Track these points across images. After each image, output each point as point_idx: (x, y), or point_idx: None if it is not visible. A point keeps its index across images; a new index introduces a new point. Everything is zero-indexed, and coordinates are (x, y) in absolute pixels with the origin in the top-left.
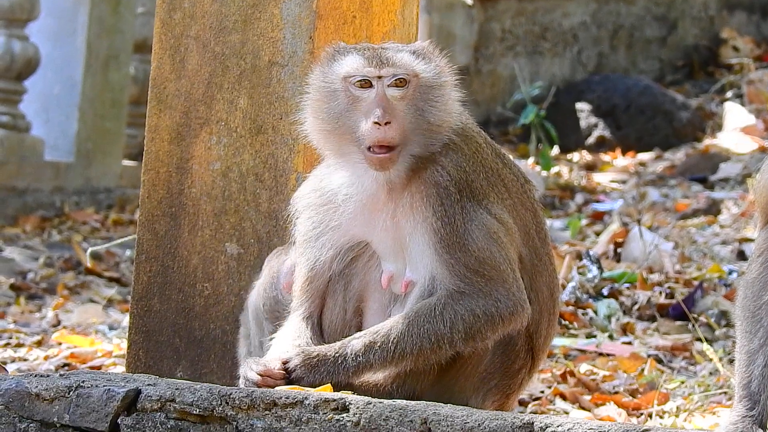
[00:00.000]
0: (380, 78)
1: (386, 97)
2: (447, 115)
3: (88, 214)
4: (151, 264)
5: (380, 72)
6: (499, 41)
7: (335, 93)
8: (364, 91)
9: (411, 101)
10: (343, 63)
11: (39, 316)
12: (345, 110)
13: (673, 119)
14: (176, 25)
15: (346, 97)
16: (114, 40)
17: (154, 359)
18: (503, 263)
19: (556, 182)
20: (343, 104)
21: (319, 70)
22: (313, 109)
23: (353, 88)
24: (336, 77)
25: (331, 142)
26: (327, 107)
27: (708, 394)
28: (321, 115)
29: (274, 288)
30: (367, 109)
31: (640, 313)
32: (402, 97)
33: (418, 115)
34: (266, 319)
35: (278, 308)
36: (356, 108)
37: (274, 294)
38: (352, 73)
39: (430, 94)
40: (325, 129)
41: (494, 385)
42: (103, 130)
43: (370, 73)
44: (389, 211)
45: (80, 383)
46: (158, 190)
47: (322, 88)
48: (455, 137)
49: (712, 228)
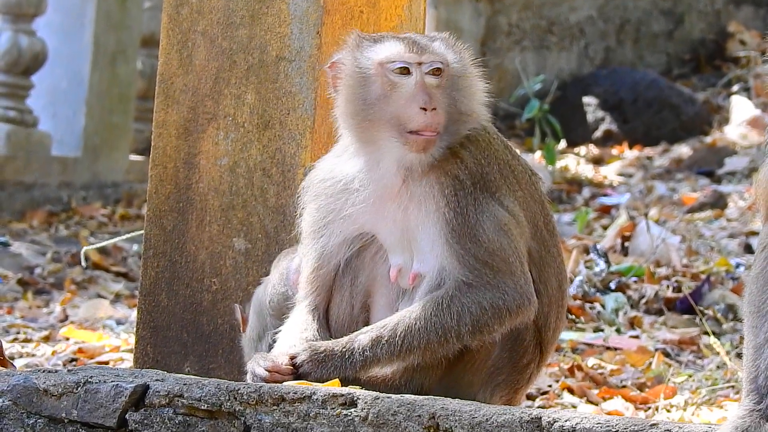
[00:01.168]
0: (420, 65)
1: (426, 83)
2: (477, 105)
3: (96, 209)
4: (158, 259)
5: (421, 58)
6: (506, 35)
7: (369, 79)
8: (402, 78)
9: (445, 90)
10: (380, 49)
11: (46, 311)
12: (381, 96)
13: (680, 113)
14: (183, 20)
15: (383, 83)
16: (121, 35)
17: (161, 354)
18: (512, 255)
19: (563, 176)
20: (379, 91)
21: (348, 56)
22: (343, 96)
23: (391, 75)
24: (370, 62)
25: (363, 128)
26: (361, 92)
27: (715, 388)
28: (354, 101)
29: (283, 284)
30: (409, 96)
31: (648, 306)
32: (438, 85)
33: (451, 104)
34: (271, 315)
35: (286, 305)
36: (394, 94)
37: (284, 290)
38: (392, 59)
39: (459, 83)
40: (358, 115)
41: (502, 380)
42: (111, 125)
43: (410, 59)
44: (402, 201)
45: (88, 379)
46: (166, 185)
47: (354, 74)
48: (479, 125)
49: (719, 221)
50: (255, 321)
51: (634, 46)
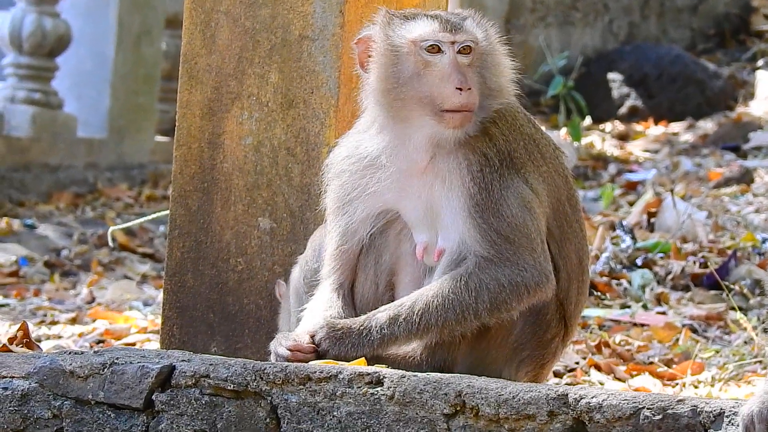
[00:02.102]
0: (453, 44)
1: (459, 62)
2: (505, 82)
3: (122, 191)
4: (184, 239)
5: (454, 37)
6: (530, 12)
7: (402, 56)
8: (435, 57)
9: (475, 68)
10: (413, 26)
11: (73, 293)
12: (414, 74)
13: (705, 88)
14: (206, 0)
15: (416, 61)
16: (146, 15)
17: (188, 335)
18: (534, 232)
19: (588, 153)
20: (412, 68)
21: (379, 33)
22: (376, 72)
23: (424, 53)
24: (404, 40)
25: (395, 107)
26: (393, 71)
27: (743, 364)
28: (386, 78)
29: (315, 260)
30: (443, 75)
31: (674, 282)
32: (469, 63)
33: (481, 81)
34: (306, 293)
35: (318, 280)
36: (427, 73)
37: (316, 266)
38: (426, 37)
39: (489, 60)
40: (389, 93)
41: (527, 356)
42: (136, 105)
43: (444, 38)
44: (427, 178)
45: (114, 360)
46: (190, 165)
47: (387, 50)
48: (507, 101)
49: (745, 197)
50: (294, 302)
51: (659, 21)
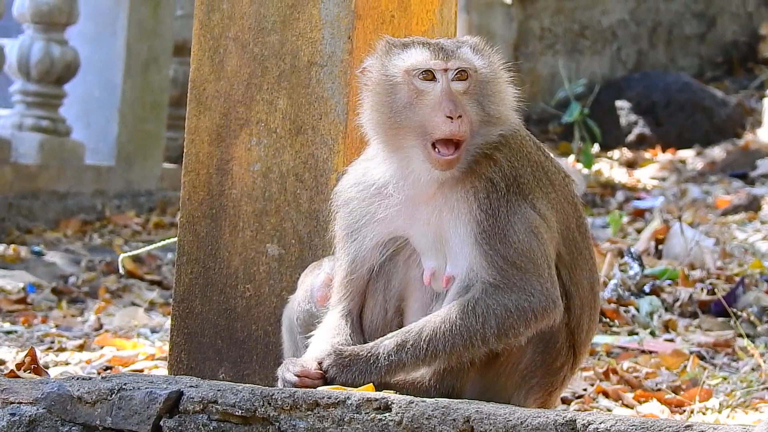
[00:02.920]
0: (446, 71)
1: (452, 90)
2: (506, 110)
3: (129, 218)
4: (192, 266)
5: (446, 65)
6: (539, 40)
7: (396, 86)
8: (428, 84)
9: (472, 95)
10: (406, 55)
11: (81, 320)
12: (408, 103)
13: (713, 115)
14: (215, 26)
15: (409, 90)
16: (153, 42)
17: (196, 361)
18: (541, 258)
19: (597, 180)
20: (405, 97)
21: (376, 62)
22: (370, 103)
23: (417, 81)
24: (397, 70)
25: (390, 136)
26: (387, 100)
27: (750, 390)
28: (380, 108)
29: (308, 301)
30: (434, 103)
31: (682, 309)
32: (465, 91)
33: (480, 109)
34: (300, 333)
35: (312, 321)
36: (420, 101)
37: (308, 307)
38: (417, 66)
39: (488, 88)
40: (384, 122)
41: (536, 383)
42: (144, 132)
43: (436, 65)
44: (435, 205)
45: (122, 386)
46: (199, 191)
47: (381, 81)
48: (509, 129)
49: (753, 224)
50: (287, 341)
51: (667, 49)
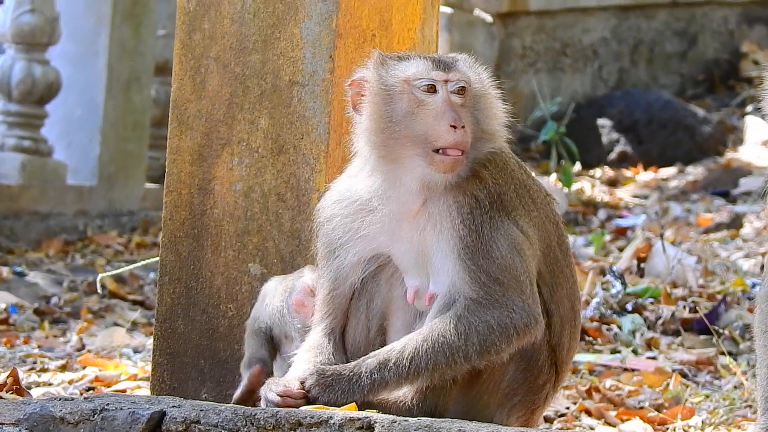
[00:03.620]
0: (446, 83)
1: (453, 101)
2: (498, 125)
3: (112, 238)
4: (174, 286)
5: (447, 76)
6: (520, 58)
7: (396, 96)
8: (428, 95)
9: (469, 109)
10: (406, 66)
11: (63, 340)
12: (408, 113)
13: (695, 134)
14: (196, 46)
15: (409, 100)
16: (135, 62)
17: (178, 381)
18: (523, 275)
19: (578, 198)
20: (406, 107)
21: (372, 74)
22: (369, 112)
23: (417, 92)
24: (396, 80)
25: (388, 146)
26: (387, 110)
27: (733, 408)
28: (379, 118)
29: (283, 302)
30: (437, 113)
31: (665, 327)
32: (462, 104)
33: (475, 123)
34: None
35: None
36: (421, 112)
37: (279, 305)
38: (419, 77)
39: (481, 103)
40: (383, 133)
41: (519, 401)
42: (126, 152)
43: (438, 76)
44: (419, 221)
45: (105, 406)
46: (180, 211)
47: (380, 91)
48: (500, 144)
49: (734, 242)
50: (258, 309)
51: (648, 67)
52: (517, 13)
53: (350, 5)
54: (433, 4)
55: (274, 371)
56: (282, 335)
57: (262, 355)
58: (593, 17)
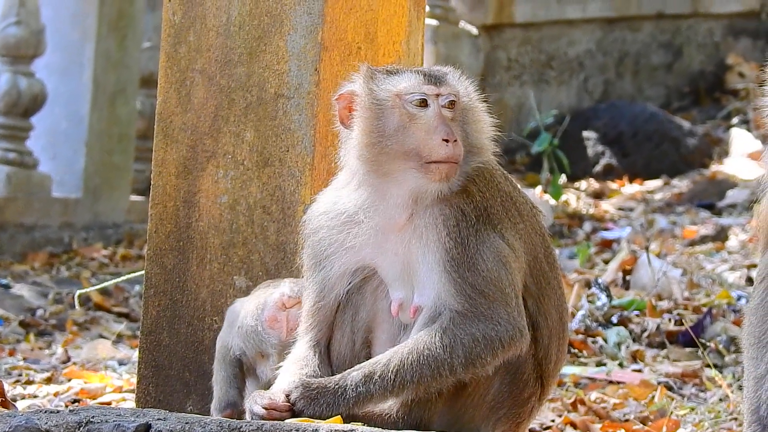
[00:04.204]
0: (437, 96)
1: (445, 115)
2: (486, 138)
3: (97, 250)
4: (159, 298)
5: (439, 90)
6: (506, 70)
7: (387, 110)
8: (420, 110)
9: (458, 123)
10: (397, 80)
11: (48, 352)
12: (399, 127)
13: (680, 146)
14: (182, 58)
15: (401, 114)
16: (120, 74)
17: (164, 393)
18: (508, 287)
19: (564, 211)
20: (397, 121)
21: (362, 88)
22: (360, 126)
23: (409, 106)
24: (387, 94)
25: (380, 160)
26: (378, 124)
27: (718, 421)
28: (370, 133)
29: (255, 318)
30: (429, 128)
31: (650, 340)
32: (452, 118)
33: (464, 136)
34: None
35: (255, 338)
36: (413, 125)
37: (254, 324)
38: (411, 90)
39: (469, 116)
40: (374, 147)
41: (504, 414)
42: (111, 165)
43: (429, 90)
44: (405, 235)
45: (90, 419)
46: (166, 224)
47: (371, 105)
48: (487, 157)
49: (720, 254)
50: (225, 335)
51: (634, 79)
52: (502, 26)
53: (335, 18)
54: (419, 16)
55: (248, 391)
56: (257, 355)
57: (232, 397)
58: (578, 29)
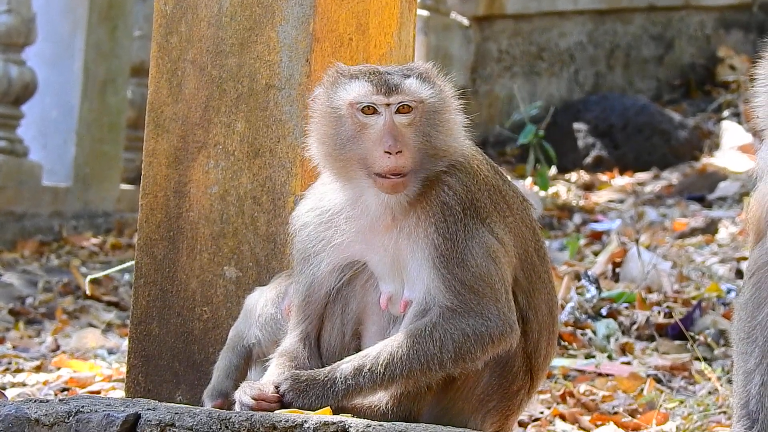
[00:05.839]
0: (388, 105)
1: (395, 124)
2: (453, 140)
3: (87, 239)
4: (149, 288)
5: (389, 99)
6: (496, 62)
7: (341, 118)
8: (371, 118)
9: (418, 127)
10: (350, 88)
11: (38, 341)
12: (352, 136)
13: (671, 138)
14: (173, 48)
15: (353, 123)
16: (111, 64)
17: (153, 383)
18: (498, 282)
19: (554, 202)
20: (350, 130)
21: (323, 93)
22: (318, 133)
23: (360, 115)
24: (342, 102)
25: (338, 167)
26: (333, 132)
27: (707, 414)
28: (326, 140)
29: (275, 306)
30: (376, 137)
31: (639, 332)
32: (409, 123)
33: (425, 140)
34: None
35: (275, 326)
36: (364, 135)
37: (274, 312)
38: (360, 100)
39: (435, 119)
40: (331, 154)
41: (493, 407)
42: (101, 154)
43: (378, 100)
44: (392, 233)
45: (80, 408)
46: (156, 214)
47: (327, 113)
48: (459, 157)
49: (710, 247)
50: (241, 324)
51: (625, 71)
52: (493, 17)
53: (327, 9)
54: (410, 8)
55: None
56: (272, 344)
57: (226, 387)
58: (570, 21)
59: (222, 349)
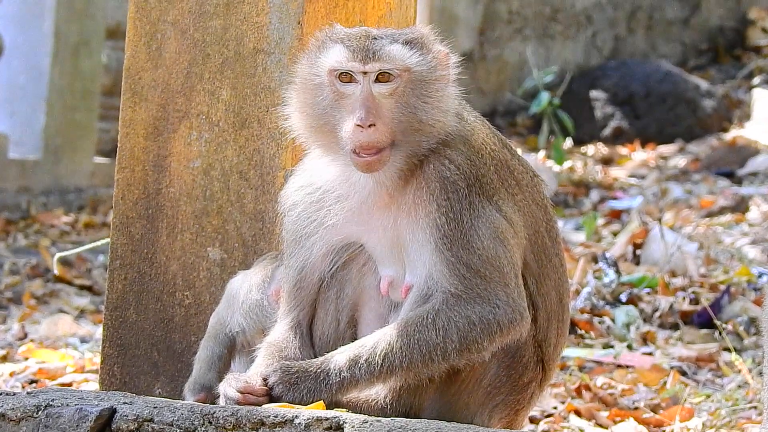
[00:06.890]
0: (365, 74)
1: (371, 94)
2: (441, 114)
3: (57, 216)
4: (126, 271)
5: (365, 67)
6: (506, 24)
7: (320, 86)
8: (348, 87)
9: (401, 98)
10: (329, 54)
11: (4, 328)
12: (330, 106)
13: (697, 108)
14: (152, 9)
15: (331, 91)
16: (84, 25)
17: (130, 375)
18: (507, 266)
19: (569, 178)
20: (329, 99)
21: (306, 59)
22: (298, 102)
23: (338, 83)
24: (322, 69)
25: (318, 139)
26: (312, 102)
27: (736, 409)
28: (306, 110)
29: (260, 291)
30: (351, 108)
31: (662, 320)
32: (390, 93)
33: (409, 113)
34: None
35: (260, 313)
36: (341, 104)
37: (259, 297)
38: (336, 67)
39: (423, 89)
40: (310, 125)
41: (501, 401)
42: (73, 123)
43: (354, 68)
44: (390, 211)
45: (50, 402)
46: (133, 190)
47: (307, 80)
48: (461, 129)
49: (740, 227)
50: (223, 311)
51: (647, 34)
52: None
53: None
54: None
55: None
56: (258, 332)
57: (209, 380)
58: None
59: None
